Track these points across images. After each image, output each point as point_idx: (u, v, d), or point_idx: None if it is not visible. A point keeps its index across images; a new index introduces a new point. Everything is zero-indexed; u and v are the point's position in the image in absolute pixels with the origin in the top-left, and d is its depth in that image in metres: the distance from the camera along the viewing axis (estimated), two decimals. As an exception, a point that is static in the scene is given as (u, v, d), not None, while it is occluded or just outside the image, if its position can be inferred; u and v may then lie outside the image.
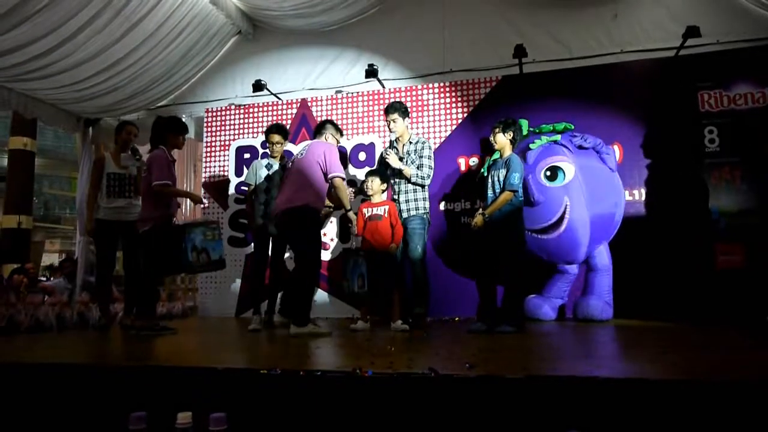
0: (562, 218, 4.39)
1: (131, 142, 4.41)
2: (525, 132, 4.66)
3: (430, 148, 4.28)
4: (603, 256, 4.42)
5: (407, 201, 4.17)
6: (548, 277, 4.61)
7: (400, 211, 4.15)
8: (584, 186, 4.44)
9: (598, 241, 4.44)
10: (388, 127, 4.36)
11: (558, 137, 4.50)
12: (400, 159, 4.26)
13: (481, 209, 3.82)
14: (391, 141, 4.49)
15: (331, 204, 4.17)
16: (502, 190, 3.69)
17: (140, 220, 3.87)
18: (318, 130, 3.97)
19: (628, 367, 2.19)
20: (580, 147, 4.44)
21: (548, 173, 4.48)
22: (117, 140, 4.44)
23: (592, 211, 4.41)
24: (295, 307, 3.55)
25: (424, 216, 4.15)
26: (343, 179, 3.70)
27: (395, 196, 4.25)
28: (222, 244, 4.10)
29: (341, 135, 4.09)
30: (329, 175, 3.63)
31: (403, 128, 4.32)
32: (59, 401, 2.10)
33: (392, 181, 4.29)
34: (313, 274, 3.69)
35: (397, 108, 4.31)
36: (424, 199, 4.19)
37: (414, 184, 4.16)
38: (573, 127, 4.64)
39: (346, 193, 3.76)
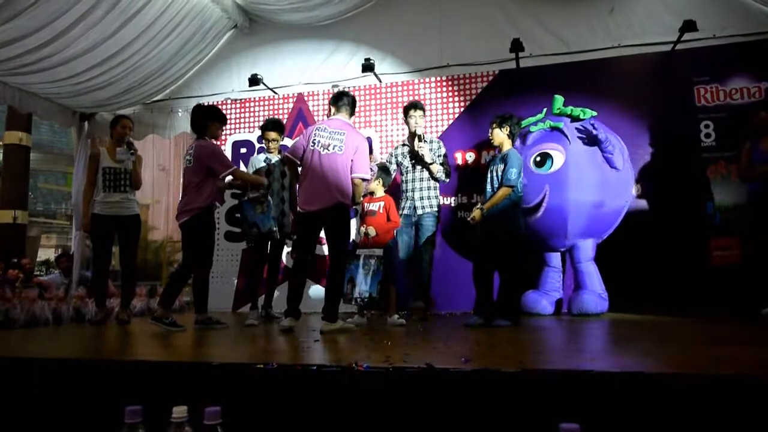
0: (539, 205, 4.36)
1: (126, 136, 4.39)
2: (556, 109, 4.53)
3: (445, 147, 4.48)
4: (587, 251, 4.35)
5: (422, 198, 4.26)
6: (539, 271, 4.62)
7: (414, 207, 4.25)
8: (575, 178, 4.32)
9: (583, 235, 4.35)
10: (411, 121, 4.37)
11: (561, 124, 4.45)
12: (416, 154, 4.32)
13: (479, 204, 3.82)
14: (419, 135, 4.31)
15: None
16: (500, 186, 3.69)
17: (180, 212, 3.80)
18: (336, 101, 3.67)
19: (624, 361, 2.20)
20: (587, 137, 4.33)
21: (538, 158, 4.45)
22: (112, 134, 4.42)
23: (578, 203, 4.29)
24: (326, 303, 3.43)
25: (437, 213, 4.29)
26: (365, 180, 3.67)
27: (408, 192, 4.31)
28: (271, 217, 4.11)
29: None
30: (353, 174, 3.50)
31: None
32: (55, 395, 2.10)
33: (408, 176, 4.35)
34: (344, 269, 3.67)
35: (422, 107, 4.44)
36: (437, 197, 4.31)
37: (435, 180, 4.29)
38: (596, 114, 4.44)
39: (362, 192, 3.67)
